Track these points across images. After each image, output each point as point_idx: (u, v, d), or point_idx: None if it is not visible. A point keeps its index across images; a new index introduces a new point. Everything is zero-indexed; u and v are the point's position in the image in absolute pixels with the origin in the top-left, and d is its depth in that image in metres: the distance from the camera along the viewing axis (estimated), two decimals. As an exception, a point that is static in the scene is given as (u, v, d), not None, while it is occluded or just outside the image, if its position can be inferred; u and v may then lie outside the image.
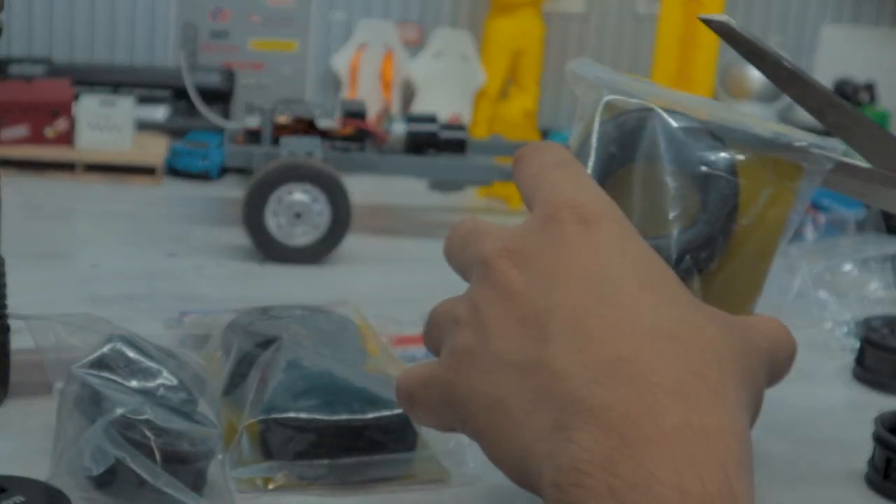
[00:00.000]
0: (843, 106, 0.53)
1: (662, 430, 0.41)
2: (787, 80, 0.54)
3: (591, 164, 0.53)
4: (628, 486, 0.40)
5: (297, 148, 1.16)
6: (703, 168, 0.52)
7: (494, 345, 0.46)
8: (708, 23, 0.55)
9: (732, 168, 0.52)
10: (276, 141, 1.19)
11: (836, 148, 0.53)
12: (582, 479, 0.41)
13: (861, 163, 0.54)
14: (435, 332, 0.51)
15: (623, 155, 0.53)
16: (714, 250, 0.53)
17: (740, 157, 0.53)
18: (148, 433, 0.57)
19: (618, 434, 0.41)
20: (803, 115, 1.89)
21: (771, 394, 0.79)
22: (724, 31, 0.54)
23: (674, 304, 0.45)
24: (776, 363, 0.50)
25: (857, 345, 0.88)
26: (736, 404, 0.43)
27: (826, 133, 0.54)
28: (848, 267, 1.04)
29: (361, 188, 1.25)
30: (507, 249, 0.48)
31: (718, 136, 0.53)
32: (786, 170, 0.54)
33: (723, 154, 0.53)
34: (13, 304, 0.69)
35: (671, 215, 0.52)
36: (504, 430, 0.46)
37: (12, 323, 0.69)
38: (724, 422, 0.42)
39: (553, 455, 0.42)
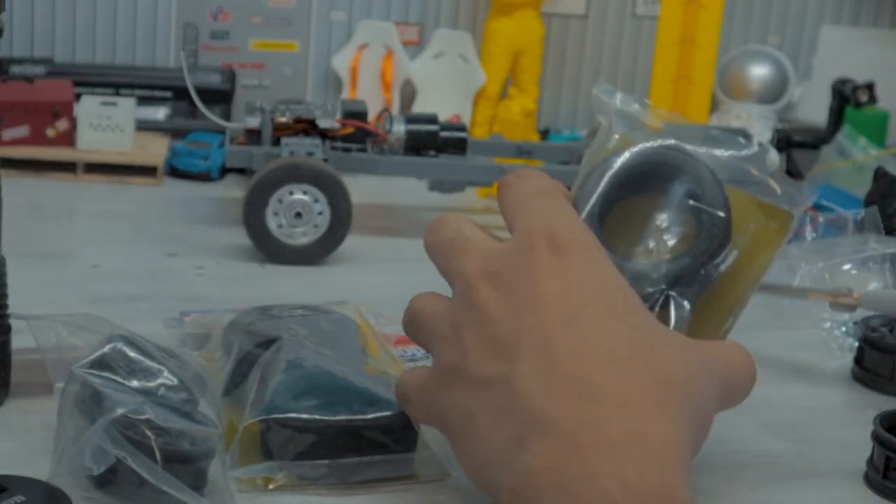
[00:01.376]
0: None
1: (607, 436, 0.46)
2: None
3: (598, 192, 0.56)
4: (575, 480, 0.45)
5: (297, 148, 1.16)
6: (696, 204, 0.56)
7: (471, 362, 0.52)
8: None
9: (725, 205, 0.55)
10: (276, 141, 1.19)
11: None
12: (533, 481, 0.46)
13: None
14: (420, 335, 0.57)
15: (630, 186, 0.56)
16: (699, 284, 0.56)
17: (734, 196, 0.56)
18: (148, 433, 0.57)
19: (567, 441, 0.46)
20: (804, 114, 1.89)
21: (771, 393, 0.79)
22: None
23: (633, 330, 0.50)
24: (730, 389, 0.54)
25: (856, 345, 0.88)
26: (679, 417, 0.48)
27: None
28: (847, 267, 1.04)
29: (361, 188, 1.25)
30: (487, 271, 0.53)
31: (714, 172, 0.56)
32: (776, 214, 0.56)
33: (717, 192, 0.55)
34: (14, 304, 0.69)
35: (664, 245, 0.56)
36: (472, 440, 0.51)
37: (13, 323, 0.69)
38: (666, 429, 0.47)
39: (510, 463, 0.48)
